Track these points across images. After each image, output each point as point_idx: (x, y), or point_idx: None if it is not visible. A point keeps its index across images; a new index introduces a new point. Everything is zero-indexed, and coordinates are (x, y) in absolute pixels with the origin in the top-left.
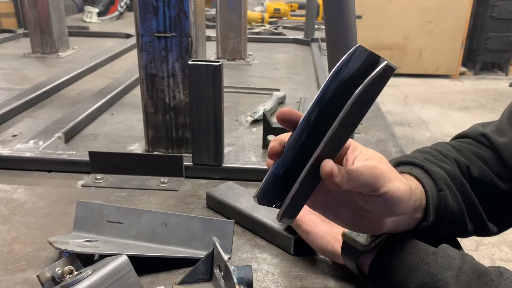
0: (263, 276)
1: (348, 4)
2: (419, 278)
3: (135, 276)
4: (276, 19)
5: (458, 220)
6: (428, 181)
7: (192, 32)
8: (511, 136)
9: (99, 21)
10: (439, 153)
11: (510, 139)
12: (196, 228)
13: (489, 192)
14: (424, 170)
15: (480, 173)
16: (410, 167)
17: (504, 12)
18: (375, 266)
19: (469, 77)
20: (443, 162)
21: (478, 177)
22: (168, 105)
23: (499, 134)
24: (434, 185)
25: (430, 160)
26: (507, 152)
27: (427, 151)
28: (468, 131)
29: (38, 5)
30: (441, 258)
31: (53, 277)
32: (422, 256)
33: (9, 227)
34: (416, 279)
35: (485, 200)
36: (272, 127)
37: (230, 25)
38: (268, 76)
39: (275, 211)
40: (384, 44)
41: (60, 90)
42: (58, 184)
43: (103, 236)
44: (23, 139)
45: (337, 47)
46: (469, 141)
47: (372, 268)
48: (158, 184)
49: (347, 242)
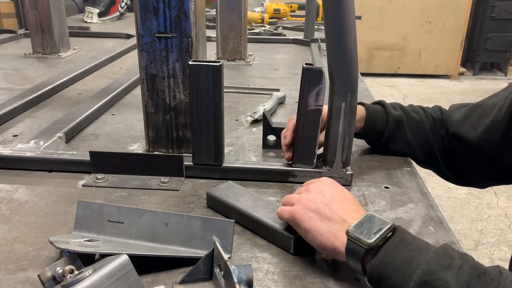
0: (263, 275)
1: (348, 5)
2: (419, 277)
3: (135, 276)
4: (276, 20)
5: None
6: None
7: (192, 32)
8: (462, 112)
9: (100, 21)
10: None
11: (461, 115)
12: (196, 227)
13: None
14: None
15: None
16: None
17: (503, 13)
18: (375, 264)
19: (468, 77)
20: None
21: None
22: (169, 105)
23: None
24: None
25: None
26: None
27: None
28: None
29: (39, 5)
30: (442, 257)
31: (54, 277)
32: (423, 255)
33: (10, 227)
34: (416, 277)
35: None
36: (272, 127)
37: (230, 25)
38: (268, 76)
39: (275, 211)
40: (384, 44)
41: (61, 90)
42: (59, 184)
43: (104, 236)
44: (24, 139)
45: (337, 47)
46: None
47: (372, 266)
48: (159, 184)
49: (351, 241)
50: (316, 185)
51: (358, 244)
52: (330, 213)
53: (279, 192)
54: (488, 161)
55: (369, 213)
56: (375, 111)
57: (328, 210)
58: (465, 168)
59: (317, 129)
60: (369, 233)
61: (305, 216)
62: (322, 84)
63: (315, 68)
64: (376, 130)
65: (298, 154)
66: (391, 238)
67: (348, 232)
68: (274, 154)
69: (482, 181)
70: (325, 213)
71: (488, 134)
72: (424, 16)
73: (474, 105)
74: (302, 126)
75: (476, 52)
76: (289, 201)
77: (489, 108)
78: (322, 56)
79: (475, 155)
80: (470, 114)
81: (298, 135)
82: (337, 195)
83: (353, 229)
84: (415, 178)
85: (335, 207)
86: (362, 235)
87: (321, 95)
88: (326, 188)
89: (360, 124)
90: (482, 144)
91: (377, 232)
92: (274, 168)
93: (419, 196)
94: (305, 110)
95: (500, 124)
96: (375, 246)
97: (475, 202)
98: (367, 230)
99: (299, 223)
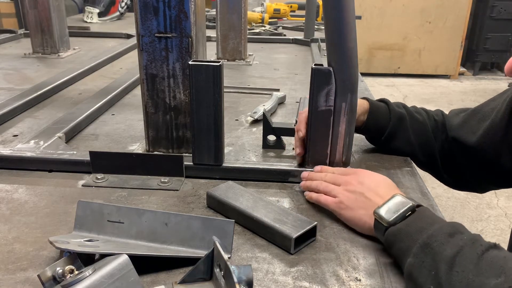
0: (263, 275)
1: (348, 4)
2: (423, 240)
3: (135, 276)
4: (276, 20)
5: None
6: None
7: (192, 32)
8: (462, 117)
9: (100, 21)
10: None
11: (460, 119)
12: (196, 227)
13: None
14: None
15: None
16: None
17: (503, 13)
18: (393, 230)
19: (468, 77)
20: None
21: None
22: (169, 105)
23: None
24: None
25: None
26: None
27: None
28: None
29: (39, 5)
30: (447, 227)
31: (54, 277)
32: (434, 226)
33: (10, 227)
34: (421, 240)
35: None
36: (272, 127)
37: (230, 25)
38: (268, 76)
39: (275, 211)
40: (384, 44)
41: (61, 90)
42: (58, 184)
43: (104, 236)
44: (24, 139)
45: (337, 47)
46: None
47: (390, 231)
48: (159, 183)
49: (376, 219)
50: (355, 178)
51: (381, 222)
52: (366, 200)
53: (279, 192)
54: (487, 165)
55: (396, 194)
56: (378, 106)
57: (365, 199)
58: (465, 172)
59: (328, 129)
60: (391, 212)
61: (347, 209)
62: (332, 84)
63: (324, 68)
64: (378, 125)
65: (310, 155)
66: (410, 216)
67: (374, 212)
68: (274, 154)
69: (482, 185)
70: (362, 202)
71: (487, 137)
72: (424, 16)
73: (472, 110)
74: (313, 127)
75: (476, 52)
76: (326, 186)
77: (487, 112)
78: (322, 56)
79: (474, 159)
80: (469, 118)
81: (310, 136)
82: (373, 183)
83: (378, 210)
84: (415, 178)
85: (370, 194)
86: (385, 214)
87: (331, 95)
88: (363, 179)
89: (363, 118)
90: (481, 148)
91: (397, 211)
92: (274, 168)
93: (419, 196)
94: (316, 111)
95: (498, 127)
96: (393, 223)
97: (475, 202)
98: (389, 210)
99: (342, 213)
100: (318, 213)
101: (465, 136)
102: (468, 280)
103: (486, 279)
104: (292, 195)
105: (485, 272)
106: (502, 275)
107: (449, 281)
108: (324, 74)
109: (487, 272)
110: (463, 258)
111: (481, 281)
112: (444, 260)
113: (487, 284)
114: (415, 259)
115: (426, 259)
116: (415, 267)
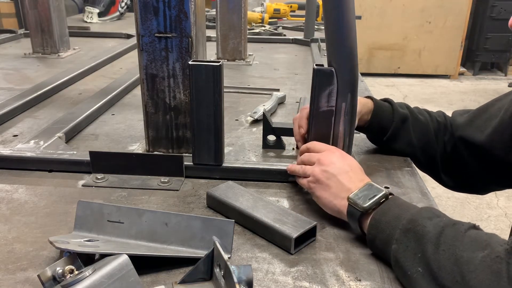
0: (263, 275)
1: (348, 5)
2: (404, 225)
3: (135, 276)
4: (276, 20)
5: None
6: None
7: (192, 32)
8: (467, 117)
9: (100, 21)
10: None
11: (466, 119)
12: (196, 227)
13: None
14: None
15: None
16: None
17: (503, 13)
18: (372, 223)
19: (468, 77)
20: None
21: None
22: (169, 105)
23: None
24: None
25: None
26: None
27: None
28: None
29: (39, 5)
30: (425, 211)
31: (54, 277)
32: (410, 211)
33: (10, 227)
34: (401, 226)
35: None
36: (272, 127)
37: (230, 25)
38: (268, 76)
39: (275, 211)
40: (384, 44)
41: (61, 90)
42: (58, 184)
43: (104, 236)
44: (24, 139)
45: (337, 47)
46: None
47: (369, 225)
48: (159, 183)
49: (350, 205)
50: (327, 157)
51: (356, 208)
52: (338, 183)
53: (279, 192)
54: (495, 162)
55: (369, 182)
56: (382, 106)
57: (336, 180)
58: (469, 172)
59: (329, 130)
60: (365, 198)
61: (318, 187)
62: (334, 84)
63: (325, 69)
64: (381, 125)
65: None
66: (384, 202)
67: (348, 198)
68: (274, 154)
69: (485, 186)
70: (334, 183)
71: (496, 135)
72: (424, 16)
73: (477, 110)
74: (315, 127)
75: (476, 52)
76: (303, 168)
77: (495, 111)
78: (322, 56)
79: (482, 157)
80: (475, 118)
81: (311, 136)
82: (345, 166)
83: (353, 196)
84: (415, 178)
85: (343, 177)
86: (360, 200)
87: (333, 95)
88: (335, 160)
89: (367, 117)
90: (490, 146)
91: (372, 198)
92: (274, 168)
93: (419, 196)
94: (317, 112)
95: (508, 125)
96: (369, 209)
97: (475, 202)
98: (363, 196)
99: (313, 192)
100: (318, 213)
101: (473, 134)
102: (456, 256)
103: (473, 253)
104: (292, 195)
105: (471, 247)
106: (488, 247)
107: (437, 260)
108: (326, 74)
109: (473, 246)
110: (448, 237)
111: (468, 256)
112: (429, 241)
113: (475, 257)
114: (399, 245)
115: (409, 244)
116: (400, 252)
